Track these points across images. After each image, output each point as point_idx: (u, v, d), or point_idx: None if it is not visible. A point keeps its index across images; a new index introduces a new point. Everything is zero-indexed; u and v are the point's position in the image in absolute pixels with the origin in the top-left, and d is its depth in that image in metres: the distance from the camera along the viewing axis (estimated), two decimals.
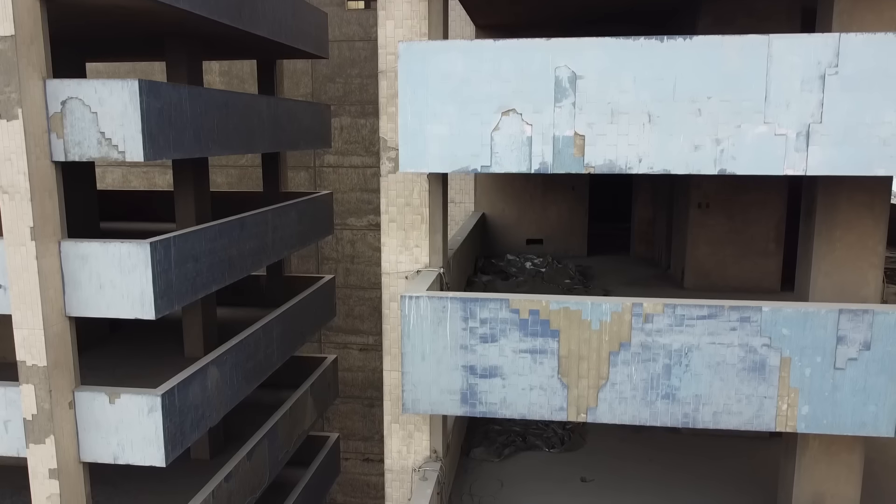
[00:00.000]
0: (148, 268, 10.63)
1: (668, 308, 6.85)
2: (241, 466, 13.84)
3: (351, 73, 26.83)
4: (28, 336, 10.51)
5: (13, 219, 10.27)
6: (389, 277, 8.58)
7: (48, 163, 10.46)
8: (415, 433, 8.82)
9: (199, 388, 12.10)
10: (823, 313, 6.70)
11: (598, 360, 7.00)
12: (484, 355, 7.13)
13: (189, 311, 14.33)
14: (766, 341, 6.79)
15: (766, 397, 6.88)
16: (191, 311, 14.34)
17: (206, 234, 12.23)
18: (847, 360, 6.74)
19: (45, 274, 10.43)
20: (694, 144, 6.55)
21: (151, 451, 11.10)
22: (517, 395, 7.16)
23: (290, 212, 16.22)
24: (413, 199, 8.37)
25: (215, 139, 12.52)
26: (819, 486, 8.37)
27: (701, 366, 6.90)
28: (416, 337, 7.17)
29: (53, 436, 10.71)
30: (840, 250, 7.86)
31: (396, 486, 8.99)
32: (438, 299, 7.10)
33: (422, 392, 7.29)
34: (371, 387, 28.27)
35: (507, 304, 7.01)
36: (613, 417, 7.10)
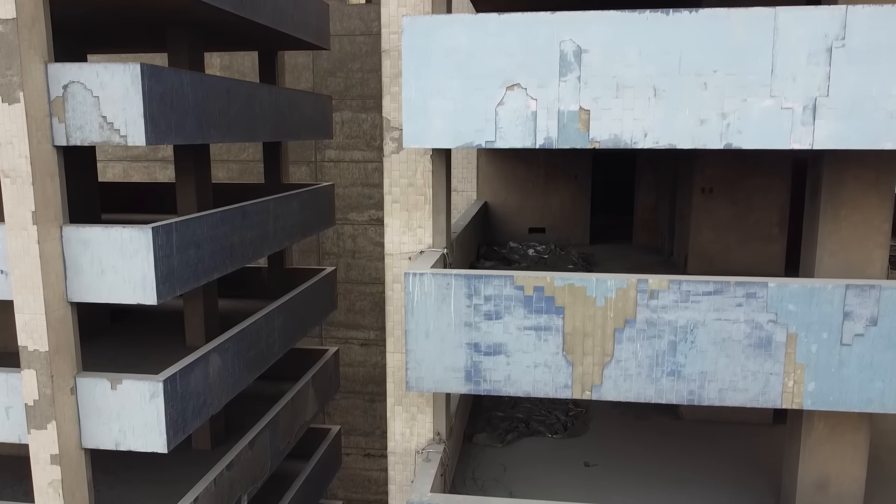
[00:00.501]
0: (150, 253, 10.59)
1: (673, 284, 6.81)
2: (242, 455, 13.80)
3: (352, 68, 26.81)
4: (29, 321, 10.47)
5: (14, 203, 10.24)
6: (392, 258, 8.55)
7: (49, 147, 10.43)
8: (418, 415, 8.78)
9: (200, 375, 12.07)
10: (830, 289, 6.66)
11: (603, 336, 6.96)
12: (488, 332, 7.10)
13: (190, 301, 14.29)
14: (772, 317, 6.76)
15: (772, 374, 6.84)
16: (192, 301, 14.30)
17: (208, 221, 12.19)
18: (854, 336, 6.70)
19: (46, 258, 10.40)
20: (700, 118, 6.52)
21: (153, 438, 11.07)
22: (522, 372, 7.12)
23: (292, 202, 16.19)
24: (416, 180, 8.33)
25: (217, 126, 12.49)
26: (824, 467, 8.33)
27: (707, 342, 6.86)
28: (420, 314, 7.14)
29: (55, 421, 10.67)
30: (846, 229, 7.82)
31: (399, 468, 8.95)
32: (442, 276, 7.07)
33: (426, 370, 7.25)
34: (372, 382, 28.24)
35: (511, 280, 6.98)
36: (618, 395, 7.05)
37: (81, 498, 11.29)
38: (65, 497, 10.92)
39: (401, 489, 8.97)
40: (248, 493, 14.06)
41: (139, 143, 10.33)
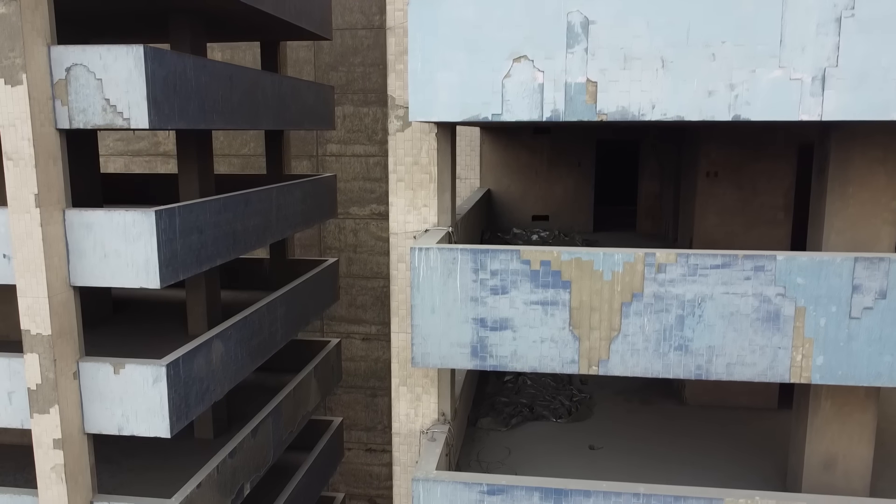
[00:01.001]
0: (153, 236, 10.56)
1: (681, 258, 6.77)
2: (245, 443, 13.76)
3: (353, 62, 26.77)
4: (32, 304, 10.43)
5: (17, 185, 10.20)
6: (397, 238, 8.51)
7: (52, 130, 10.40)
8: (422, 396, 8.75)
9: (203, 361, 12.03)
10: (839, 261, 6.62)
11: (610, 311, 6.92)
12: (494, 307, 7.06)
13: (192, 290, 14.26)
14: (781, 290, 6.71)
15: (780, 348, 6.80)
16: (194, 290, 14.27)
17: (210, 207, 12.16)
18: (863, 310, 6.66)
19: (49, 241, 10.36)
20: (708, 90, 6.48)
21: (156, 422, 11.03)
22: (528, 347, 7.08)
23: (295, 191, 16.16)
24: (421, 158, 8.30)
25: (220, 112, 12.45)
26: (831, 447, 8.29)
27: (714, 316, 6.82)
28: (426, 289, 7.10)
29: (58, 405, 10.64)
30: (853, 207, 7.79)
31: (404, 449, 8.91)
32: (448, 251, 7.03)
33: (431, 346, 7.21)
34: (374, 377, 28.20)
35: (517, 255, 6.94)
36: (625, 370, 7.02)
37: (84, 483, 11.25)
38: (67, 482, 10.88)
39: (405, 470, 8.94)
40: (250, 481, 14.03)
41: (142, 127, 10.28)
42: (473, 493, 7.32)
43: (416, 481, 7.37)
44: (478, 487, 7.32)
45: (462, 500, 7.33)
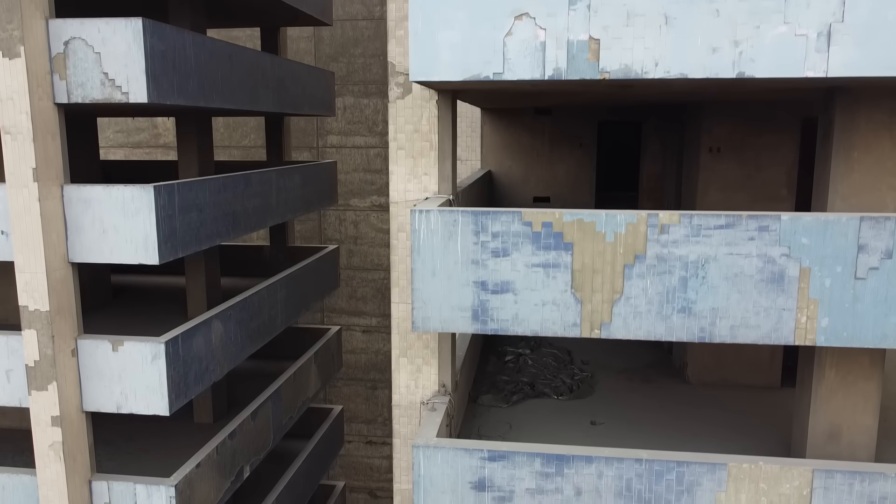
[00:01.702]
0: (152, 212, 10.48)
1: (684, 218, 6.69)
2: (245, 426, 13.69)
3: (354, 53, 26.69)
4: (30, 280, 10.36)
5: (15, 160, 10.13)
6: (397, 207, 8.44)
7: (51, 105, 10.32)
8: (423, 367, 8.68)
9: (202, 340, 11.96)
10: (844, 221, 6.55)
11: (613, 273, 6.85)
12: (496, 270, 6.98)
13: (192, 274, 14.20)
14: (785, 251, 6.64)
15: (784, 309, 6.73)
16: (194, 274, 14.21)
17: (210, 185, 12.10)
18: (868, 270, 6.58)
19: (47, 217, 10.29)
20: (712, 47, 6.41)
21: (155, 400, 10.95)
22: (529, 310, 7.01)
23: (295, 175, 16.10)
24: (422, 126, 8.23)
25: (219, 91, 12.38)
26: (835, 417, 8.21)
27: (718, 277, 6.75)
28: (427, 252, 7.02)
29: (56, 382, 10.56)
30: (858, 172, 7.71)
31: (404, 422, 8.84)
32: (449, 213, 6.96)
33: (432, 309, 7.13)
34: (374, 369, 28.11)
35: (519, 216, 6.87)
36: (628, 333, 6.94)
37: (83, 462, 11.17)
38: (66, 460, 10.80)
39: (405, 442, 8.87)
40: (250, 463, 13.95)
41: (141, 100, 10.21)
42: (474, 459, 7.25)
43: (416, 448, 7.30)
44: (479, 454, 7.24)
45: (463, 467, 7.26)
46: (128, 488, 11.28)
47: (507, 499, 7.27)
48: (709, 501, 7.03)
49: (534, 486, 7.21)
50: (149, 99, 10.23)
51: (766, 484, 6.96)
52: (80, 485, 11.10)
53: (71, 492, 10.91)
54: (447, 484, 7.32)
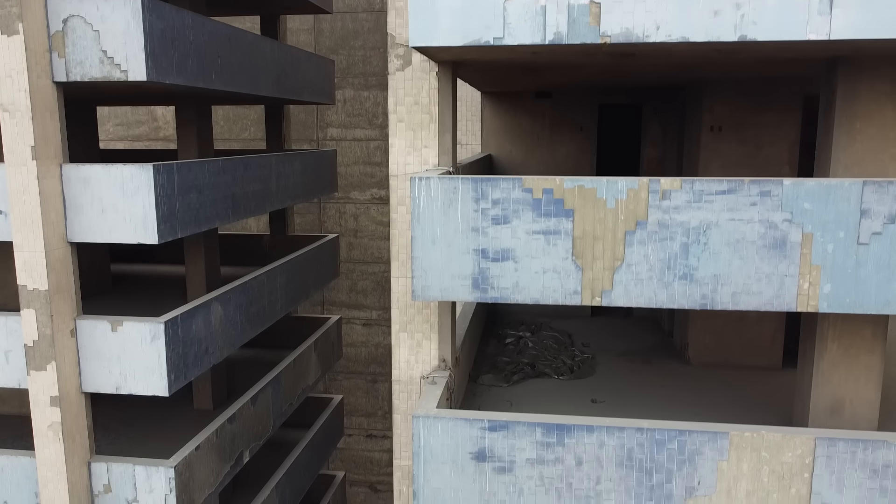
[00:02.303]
0: (151, 191, 10.45)
1: (686, 184, 6.65)
2: (245, 410, 13.65)
3: (354, 45, 26.66)
4: (29, 259, 10.33)
5: (14, 138, 10.10)
6: (397, 180, 8.40)
7: (49, 83, 10.30)
8: (423, 342, 8.64)
9: (202, 322, 11.92)
10: (847, 185, 6.50)
11: (614, 240, 6.81)
12: (496, 238, 6.94)
13: (192, 260, 14.17)
14: (788, 216, 6.60)
15: (787, 276, 6.68)
16: (194, 259, 14.17)
17: (209, 167, 12.07)
18: (871, 235, 6.54)
19: (46, 196, 10.26)
20: (713, 9, 6.37)
21: (154, 381, 10.92)
22: (530, 278, 6.96)
23: (294, 161, 16.07)
24: (422, 98, 8.19)
25: (219, 72, 12.34)
26: (838, 391, 8.17)
27: (720, 244, 6.71)
28: (427, 220, 6.98)
29: (55, 362, 10.53)
30: (860, 142, 7.67)
31: (404, 397, 8.80)
32: (449, 180, 6.91)
33: (432, 278, 7.09)
34: (374, 362, 28.07)
35: (519, 183, 6.83)
36: (629, 300, 6.90)
37: (82, 443, 11.14)
38: (65, 441, 10.77)
39: (405, 418, 8.83)
40: (249, 448, 13.91)
41: (140, 78, 10.17)
42: (475, 429, 7.20)
43: (416, 418, 7.25)
44: (479, 424, 7.20)
45: (463, 437, 7.22)
46: (127, 470, 11.25)
47: (507, 469, 7.23)
48: (710, 470, 6.99)
49: (534, 456, 7.17)
50: (147, 77, 10.19)
51: (768, 452, 6.92)
52: (79, 466, 11.06)
53: (70, 473, 10.87)
54: (447, 454, 7.28)
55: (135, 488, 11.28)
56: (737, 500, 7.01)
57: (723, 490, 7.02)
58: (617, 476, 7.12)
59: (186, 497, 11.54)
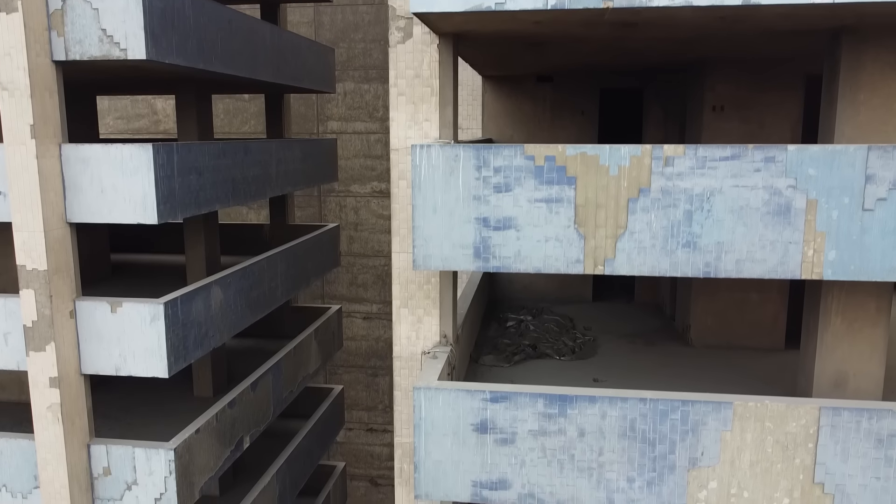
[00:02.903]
0: (150, 170, 10.41)
1: (689, 150, 6.60)
2: (245, 395, 13.60)
3: (354, 38, 26.63)
4: (28, 239, 10.28)
5: (13, 116, 10.05)
6: (398, 154, 8.34)
7: (48, 62, 10.24)
8: (424, 318, 8.58)
9: (202, 304, 11.87)
10: (852, 150, 6.45)
11: (617, 207, 6.76)
12: (498, 206, 6.89)
13: (192, 244, 14.14)
14: (792, 182, 6.55)
15: (791, 243, 6.63)
16: (194, 244, 14.14)
17: (209, 150, 12.02)
18: (876, 201, 6.48)
19: (45, 175, 10.21)
20: None
21: (154, 362, 10.86)
22: (532, 247, 6.91)
23: (295, 148, 16.02)
24: (423, 71, 8.14)
25: (219, 55, 12.29)
26: (841, 365, 8.12)
27: (723, 211, 6.65)
28: (428, 189, 6.93)
29: (54, 343, 10.47)
30: (864, 114, 7.62)
31: (405, 373, 8.74)
32: (451, 148, 6.86)
33: (433, 247, 7.04)
34: (375, 356, 28.02)
35: (521, 150, 6.77)
36: (632, 269, 6.84)
37: (81, 426, 11.09)
38: (64, 422, 10.72)
39: (406, 395, 8.77)
40: (250, 434, 13.86)
41: (139, 57, 10.12)
42: (476, 400, 7.15)
43: (417, 390, 7.20)
44: (480, 395, 7.15)
45: (464, 408, 7.17)
46: (126, 452, 11.19)
47: (509, 441, 7.18)
48: (714, 441, 6.94)
49: (536, 427, 7.12)
50: (147, 55, 10.14)
51: (772, 423, 6.86)
52: (78, 448, 11.01)
53: (69, 455, 10.82)
54: (448, 426, 7.23)
55: (134, 471, 11.23)
56: (740, 471, 6.96)
57: (726, 461, 6.97)
58: (620, 447, 7.06)
59: (186, 480, 11.49)
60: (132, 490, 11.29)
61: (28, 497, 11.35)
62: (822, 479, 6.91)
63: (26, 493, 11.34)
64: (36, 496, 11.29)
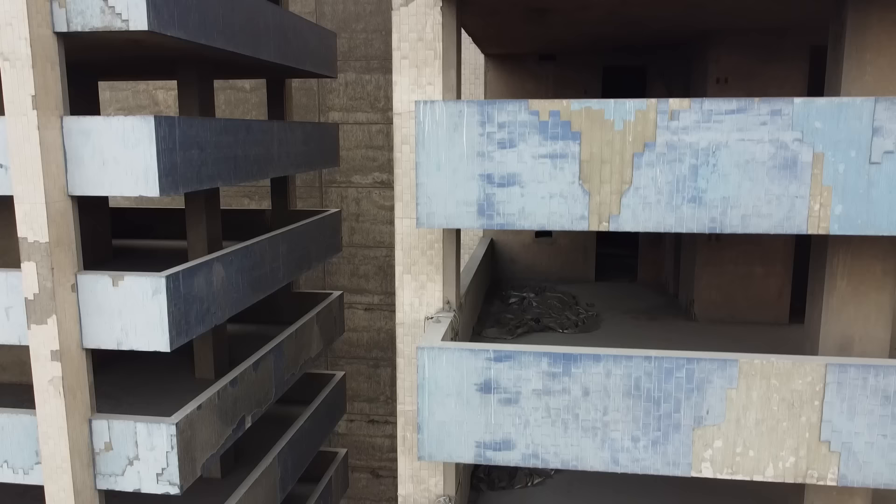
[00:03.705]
0: (152, 142, 10.38)
1: (695, 104, 6.56)
2: (246, 375, 13.57)
3: (356, 28, 26.61)
4: (29, 211, 10.25)
5: (14, 87, 10.02)
6: (401, 118, 8.30)
7: (50, 33, 10.22)
8: (427, 284, 8.54)
9: (204, 281, 11.84)
10: (859, 103, 6.40)
11: (622, 163, 6.71)
12: (502, 162, 6.85)
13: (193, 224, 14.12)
14: (798, 135, 6.50)
15: (797, 197, 6.58)
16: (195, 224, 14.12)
17: (211, 125, 11.99)
18: (883, 154, 6.44)
19: (46, 147, 10.18)
20: None
21: (156, 336, 10.83)
22: (536, 203, 6.87)
23: (296, 130, 16.00)
24: (426, 34, 8.09)
25: (220, 31, 12.27)
26: (847, 329, 8.06)
27: (729, 165, 6.61)
28: (431, 146, 6.89)
29: (55, 316, 10.44)
30: (870, 74, 7.57)
31: (408, 341, 8.70)
32: (454, 104, 6.83)
33: (437, 205, 7.00)
34: (376, 347, 27.99)
35: (526, 105, 6.73)
36: (637, 225, 6.80)
37: (83, 400, 11.05)
38: (66, 396, 10.68)
39: (409, 362, 8.73)
40: (251, 414, 13.82)
41: (141, 27, 10.09)
42: (480, 360, 7.11)
43: (420, 350, 7.16)
44: (484, 354, 7.10)
45: (468, 368, 7.12)
46: (128, 427, 11.16)
47: (513, 400, 7.13)
48: (719, 399, 6.89)
49: (540, 386, 7.07)
50: (149, 26, 10.11)
51: (778, 380, 6.82)
52: (79, 423, 10.97)
53: (71, 429, 10.78)
54: (452, 386, 7.18)
55: (136, 446, 11.19)
56: (746, 429, 6.91)
57: (732, 419, 6.92)
58: (624, 406, 7.02)
59: (188, 456, 11.45)
60: (134, 465, 11.25)
61: (29, 473, 11.31)
62: (828, 437, 6.86)
63: (28, 469, 11.31)
64: (37, 472, 11.25)
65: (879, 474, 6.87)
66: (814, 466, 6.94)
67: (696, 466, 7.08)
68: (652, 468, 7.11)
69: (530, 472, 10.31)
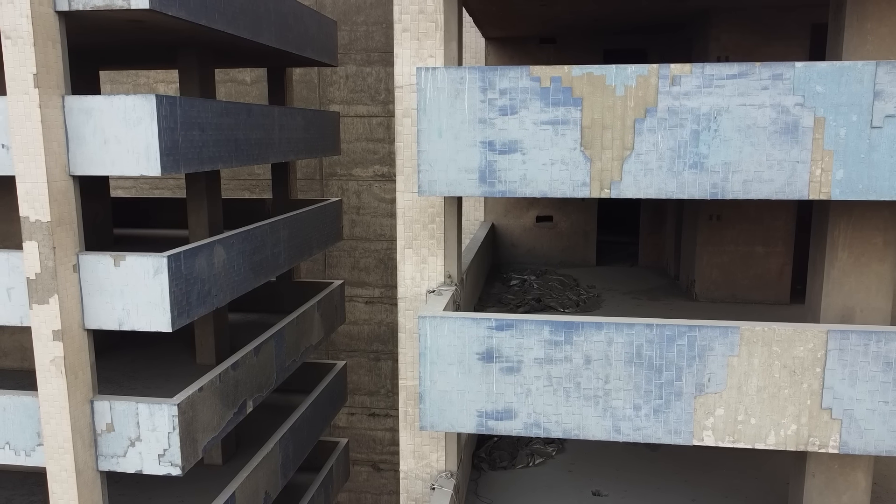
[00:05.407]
0: (154, 121, 10.39)
1: (696, 69, 6.56)
2: (248, 359, 13.57)
3: (356, 21, 26.62)
4: (31, 189, 10.26)
5: (15, 65, 10.03)
6: (403, 91, 8.30)
7: (51, 11, 10.23)
8: (428, 258, 8.54)
9: (205, 262, 11.84)
10: (860, 66, 6.40)
11: (623, 128, 6.71)
12: (503, 129, 6.85)
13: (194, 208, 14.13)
14: (799, 100, 6.50)
15: (798, 162, 6.58)
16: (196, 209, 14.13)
17: (212, 107, 12.00)
18: (885, 118, 6.43)
19: (48, 125, 10.19)
20: None
21: (157, 316, 10.83)
22: (538, 170, 6.87)
23: (297, 116, 16.01)
24: (427, 6, 8.09)
25: (221, 12, 12.28)
26: (848, 300, 8.05)
27: (731, 130, 6.60)
28: (433, 112, 6.89)
29: (57, 295, 10.44)
30: (871, 42, 7.56)
31: (410, 315, 8.70)
32: (456, 70, 6.83)
33: (438, 172, 7.00)
34: (377, 340, 27.98)
35: (527, 71, 6.73)
36: (638, 191, 6.80)
37: (84, 380, 11.05)
38: (67, 375, 10.68)
39: (411, 337, 8.73)
40: (253, 398, 13.82)
41: (142, 6, 10.11)
42: (482, 328, 7.11)
43: (422, 319, 7.16)
44: (486, 323, 7.10)
45: (470, 337, 7.12)
46: (130, 408, 11.16)
47: (515, 369, 7.13)
48: (721, 366, 6.89)
49: (542, 355, 7.07)
50: (150, 4, 10.12)
51: (780, 347, 6.82)
52: (81, 403, 10.97)
53: (72, 409, 10.78)
54: (454, 355, 7.18)
55: (137, 426, 11.19)
56: (748, 396, 6.91)
57: (733, 386, 6.92)
58: (626, 374, 7.02)
59: (190, 437, 11.45)
60: (135, 446, 11.25)
61: (31, 454, 11.31)
62: (829, 405, 6.86)
63: (29, 451, 11.31)
64: (39, 454, 11.25)
65: (881, 441, 6.87)
66: (815, 434, 6.94)
67: (697, 435, 7.08)
68: (654, 436, 7.11)
69: (532, 452, 10.31)
